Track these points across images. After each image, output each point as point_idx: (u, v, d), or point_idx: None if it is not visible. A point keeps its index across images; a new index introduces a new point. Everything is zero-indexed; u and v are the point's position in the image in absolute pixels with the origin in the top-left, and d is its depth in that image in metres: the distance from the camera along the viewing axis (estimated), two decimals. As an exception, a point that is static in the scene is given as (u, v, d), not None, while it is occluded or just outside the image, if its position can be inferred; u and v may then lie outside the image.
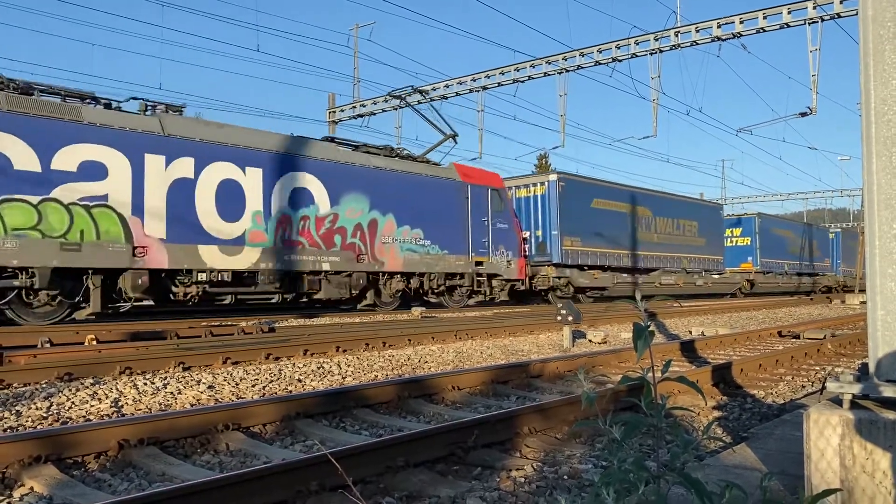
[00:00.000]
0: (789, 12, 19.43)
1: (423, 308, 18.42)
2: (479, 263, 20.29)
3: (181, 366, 7.73)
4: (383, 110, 27.49)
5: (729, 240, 37.36)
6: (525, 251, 22.07)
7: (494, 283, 21.05)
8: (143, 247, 13.37)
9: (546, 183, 23.89)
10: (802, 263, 42.48)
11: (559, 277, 23.75)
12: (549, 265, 23.45)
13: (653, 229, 28.56)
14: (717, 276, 33.46)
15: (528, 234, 23.45)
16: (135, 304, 14.27)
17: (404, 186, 18.48)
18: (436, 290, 19.51)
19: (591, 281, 25.02)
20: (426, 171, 19.34)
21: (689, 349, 9.61)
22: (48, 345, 9.30)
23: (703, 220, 32.40)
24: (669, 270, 29.34)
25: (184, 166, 14.17)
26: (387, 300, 18.46)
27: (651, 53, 21.76)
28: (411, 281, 18.68)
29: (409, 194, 18.55)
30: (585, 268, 24.66)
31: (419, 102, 23.29)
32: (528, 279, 22.50)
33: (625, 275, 26.69)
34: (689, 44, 21.21)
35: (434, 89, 26.00)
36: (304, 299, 17.28)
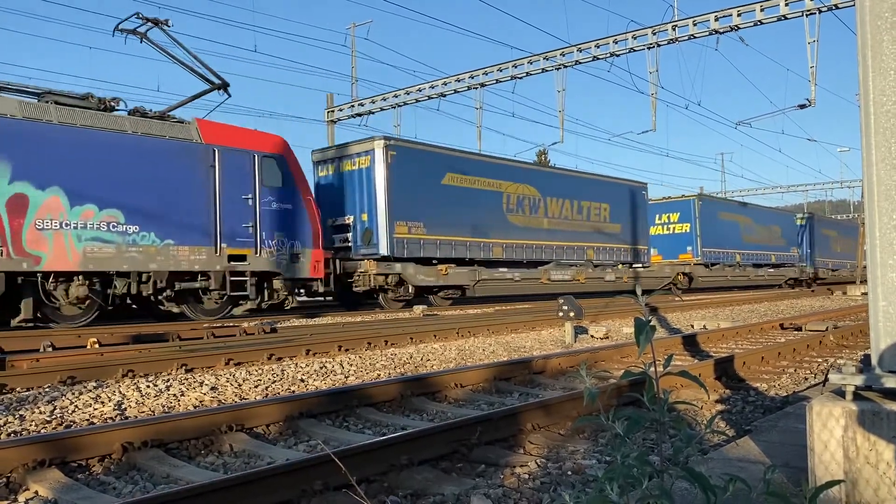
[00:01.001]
0: (787, 4, 19.41)
1: (425, 306, 18.38)
2: (237, 258, 14.87)
3: (184, 368, 7.74)
4: (382, 109, 27.46)
5: (664, 227, 32.49)
6: (321, 241, 16.52)
7: (276, 284, 15.72)
8: None
9: (371, 153, 18.71)
10: (762, 253, 36.83)
11: (385, 275, 18.62)
12: (370, 259, 18.49)
13: (541, 213, 23.35)
14: (640, 269, 28.57)
15: (351, 219, 19.02)
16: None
17: (89, 149, 13.02)
18: (161, 296, 14.04)
19: (438, 278, 19.61)
20: (136, 129, 13.74)
21: (691, 343, 9.62)
22: (50, 349, 9.30)
23: (619, 202, 26.99)
24: (566, 263, 24.27)
25: None
26: (69, 313, 12.94)
27: (649, 48, 21.72)
28: (115, 284, 13.34)
29: (98, 160, 13.08)
30: (435, 261, 19.72)
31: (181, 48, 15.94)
32: (332, 277, 17.48)
33: (503, 269, 21.72)
34: (686, 37, 21.19)
35: (433, 87, 25.98)
36: None
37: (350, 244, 19.03)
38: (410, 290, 19.42)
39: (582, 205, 25.35)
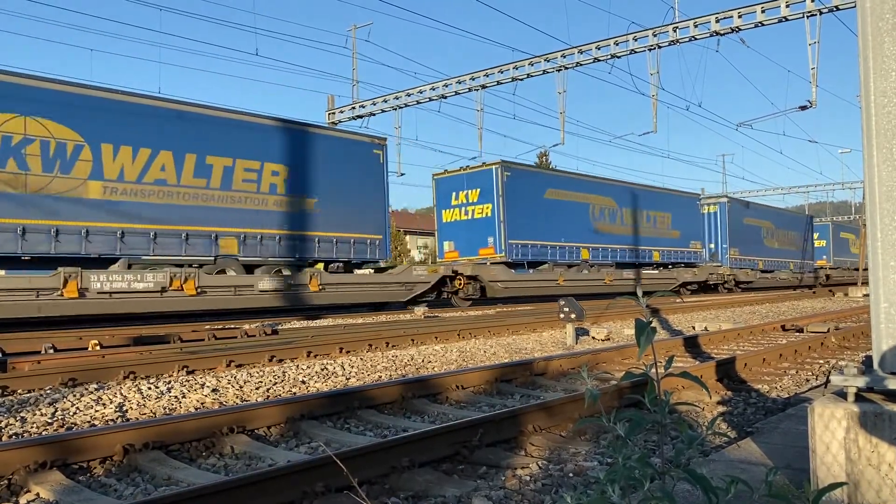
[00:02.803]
0: (787, 6, 19.40)
1: (426, 307, 18.37)
2: None
3: (185, 369, 7.74)
4: (382, 111, 27.49)
5: (462, 210, 23.03)
6: None
7: None
8: None
9: None
10: (634, 248, 27.61)
11: None
12: None
13: (81, 171, 13.89)
14: (352, 275, 18.47)
15: None
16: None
17: None
18: None
19: None
20: None
21: (692, 345, 9.60)
22: (52, 351, 9.31)
23: (306, 163, 17.51)
24: (159, 260, 14.98)
25: None
26: None
27: (650, 49, 21.72)
28: None
29: None
30: None
31: None
32: None
33: None
34: (687, 39, 21.18)
35: (434, 89, 25.99)
36: None
37: None
38: None
39: (209, 162, 15.70)
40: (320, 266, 17.99)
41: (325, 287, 17.23)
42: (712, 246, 32.70)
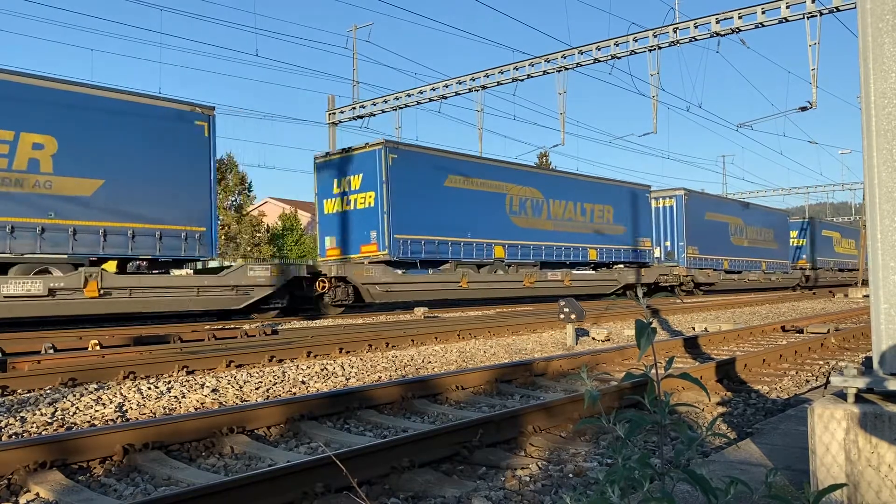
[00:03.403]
0: (788, 6, 19.41)
1: (426, 308, 18.37)
2: None
3: (185, 369, 7.74)
4: (383, 111, 27.49)
5: (343, 199, 19.63)
6: None
7: None
8: None
9: None
10: (565, 246, 23.95)
11: None
12: None
13: None
14: (167, 278, 14.78)
15: None
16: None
17: None
18: None
19: None
20: None
21: (692, 345, 9.60)
22: (52, 351, 9.31)
23: (93, 135, 13.67)
24: None
25: None
26: None
27: (650, 50, 21.72)
28: None
29: None
30: None
31: None
32: None
33: None
34: (687, 40, 21.19)
35: (434, 90, 25.99)
36: None
37: None
38: None
39: None
40: (112, 265, 14.45)
41: (109, 292, 13.52)
42: (668, 244, 29.08)
